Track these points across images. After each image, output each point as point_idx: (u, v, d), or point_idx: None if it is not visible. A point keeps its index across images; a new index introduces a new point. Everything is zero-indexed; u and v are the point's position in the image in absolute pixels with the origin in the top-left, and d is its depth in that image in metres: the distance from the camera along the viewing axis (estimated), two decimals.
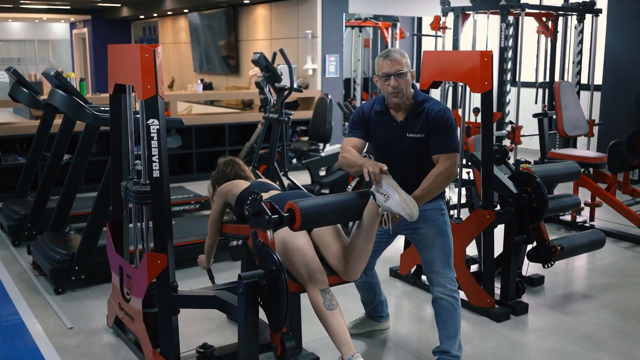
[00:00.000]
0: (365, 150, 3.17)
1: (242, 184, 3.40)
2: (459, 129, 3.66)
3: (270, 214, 2.58)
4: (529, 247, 4.01)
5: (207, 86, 11.33)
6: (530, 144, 7.42)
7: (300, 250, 2.83)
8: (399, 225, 3.09)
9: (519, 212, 3.76)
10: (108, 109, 3.41)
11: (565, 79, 6.87)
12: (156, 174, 2.83)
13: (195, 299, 3.02)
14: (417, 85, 3.19)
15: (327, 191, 6.17)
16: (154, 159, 2.82)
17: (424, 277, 4.20)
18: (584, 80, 6.87)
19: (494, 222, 3.64)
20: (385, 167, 2.76)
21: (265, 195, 3.26)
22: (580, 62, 6.76)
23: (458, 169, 3.08)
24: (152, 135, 2.80)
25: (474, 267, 4.13)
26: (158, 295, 2.93)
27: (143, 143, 2.89)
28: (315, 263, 2.83)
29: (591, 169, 5.61)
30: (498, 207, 3.83)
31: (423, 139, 2.95)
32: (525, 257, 4.03)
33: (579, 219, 5.70)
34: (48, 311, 3.82)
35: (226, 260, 4.52)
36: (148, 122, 2.80)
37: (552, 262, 4.00)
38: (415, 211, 2.69)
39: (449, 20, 6.96)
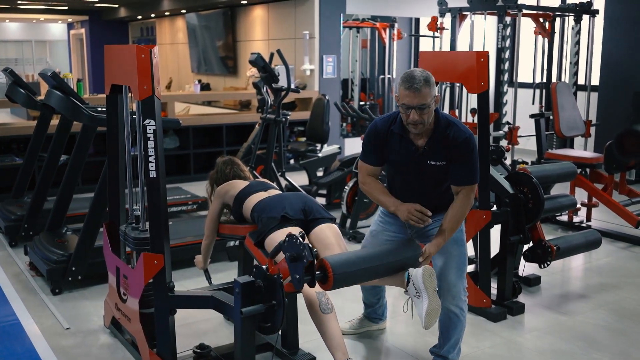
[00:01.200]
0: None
1: (241, 184, 3.40)
2: None
3: (302, 273, 2.46)
4: (526, 247, 4.02)
5: (205, 87, 11.33)
6: (527, 144, 7.42)
7: None
8: (412, 232, 3.01)
9: (515, 213, 3.77)
10: (105, 109, 3.41)
11: (562, 80, 6.87)
12: (152, 174, 2.82)
13: (191, 299, 3.01)
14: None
15: (324, 191, 6.17)
16: (151, 159, 2.82)
17: None
18: (581, 80, 6.87)
19: (490, 223, 3.64)
20: (428, 220, 2.78)
21: (264, 195, 3.27)
22: (577, 63, 6.77)
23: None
24: (148, 135, 2.80)
25: (470, 267, 4.13)
26: (155, 295, 2.93)
27: (140, 144, 2.89)
28: None
29: (588, 170, 5.61)
30: (494, 208, 3.84)
31: (444, 167, 2.82)
32: (522, 257, 4.03)
33: (575, 219, 5.71)
34: (45, 312, 3.82)
35: (223, 260, 4.52)
36: (145, 123, 2.80)
37: (549, 262, 4.01)
38: (432, 325, 2.65)
39: (447, 20, 6.97)
